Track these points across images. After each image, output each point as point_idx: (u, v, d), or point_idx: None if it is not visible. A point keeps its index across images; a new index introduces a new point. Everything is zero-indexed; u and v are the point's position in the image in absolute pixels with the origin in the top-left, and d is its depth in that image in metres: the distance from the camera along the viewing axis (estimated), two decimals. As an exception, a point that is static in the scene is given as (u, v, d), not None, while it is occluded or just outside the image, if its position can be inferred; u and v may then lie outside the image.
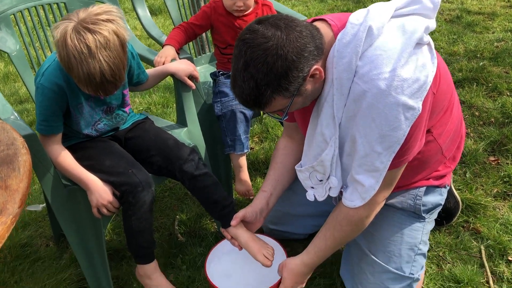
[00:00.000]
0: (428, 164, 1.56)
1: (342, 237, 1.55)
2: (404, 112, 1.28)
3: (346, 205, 1.47)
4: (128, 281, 1.91)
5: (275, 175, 1.78)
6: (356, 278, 1.68)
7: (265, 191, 1.76)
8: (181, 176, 1.69)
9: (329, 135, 1.43)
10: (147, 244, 1.65)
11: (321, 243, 1.57)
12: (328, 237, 1.55)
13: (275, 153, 1.82)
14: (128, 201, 1.57)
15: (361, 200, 1.43)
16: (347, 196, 1.47)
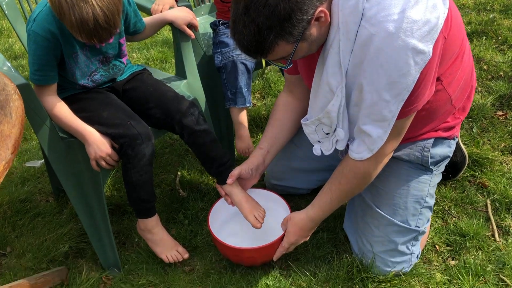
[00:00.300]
0: (436, 114, 1.51)
1: (348, 191, 1.51)
2: (413, 56, 1.22)
3: (353, 157, 1.42)
4: (129, 236, 1.89)
5: (273, 132, 1.74)
6: (360, 232, 1.66)
7: (262, 148, 1.73)
8: (181, 130, 1.64)
9: (335, 84, 1.37)
10: (148, 198, 1.62)
11: (326, 197, 1.54)
12: (334, 190, 1.52)
13: (274, 109, 1.77)
14: (127, 154, 1.53)
15: (368, 151, 1.39)
16: (354, 149, 1.42)
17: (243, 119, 1.96)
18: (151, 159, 1.56)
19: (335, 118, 1.40)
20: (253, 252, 1.62)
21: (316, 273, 1.68)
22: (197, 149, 1.68)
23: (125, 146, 1.51)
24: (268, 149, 1.73)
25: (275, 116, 1.75)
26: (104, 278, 1.74)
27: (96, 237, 1.70)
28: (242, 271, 1.71)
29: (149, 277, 1.73)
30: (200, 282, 1.69)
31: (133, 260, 1.79)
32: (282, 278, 1.68)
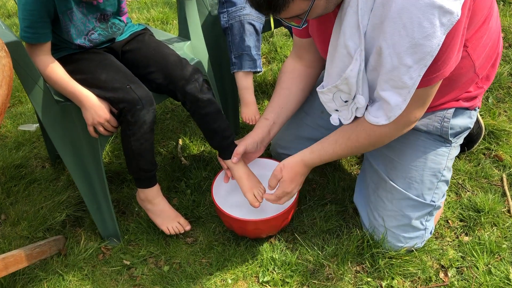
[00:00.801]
0: (458, 83, 1.40)
1: (354, 148, 1.43)
2: (440, 16, 1.10)
3: (370, 121, 1.33)
4: (129, 205, 1.81)
5: (280, 102, 1.64)
6: (372, 206, 1.58)
7: (268, 119, 1.63)
8: (183, 97, 1.53)
9: (353, 47, 1.26)
10: (148, 167, 1.53)
11: (329, 148, 1.46)
12: (340, 144, 1.43)
13: (281, 77, 1.66)
14: (127, 120, 1.43)
15: (386, 118, 1.29)
16: (372, 111, 1.32)
17: (249, 84, 1.85)
18: (152, 126, 1.47)
19: (354, 85, 1.30)
20: (259, 224, 1.55)
21: (324, 247, 1.61)
22: (200, 119, 1.58)
23: (125, 111, 1.41)
24: (274, 119, 1.63)
25: (281, 84, 1.65)
26: (103, 248, 1.67)
27: (95, 206, 1.62)
28: (247, 244, 1.65)
29: (149, 248, 1.66)
30: (202, 254, 1.63)
31: (133, 230, 1.71)
32: (288, 251, 1.61)
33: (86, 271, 1.59)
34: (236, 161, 1.60)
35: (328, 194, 1.83)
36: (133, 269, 1.61)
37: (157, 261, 1.63)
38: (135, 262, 1.62)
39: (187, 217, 1.75)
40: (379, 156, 1.58)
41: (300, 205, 1.78)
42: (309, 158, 1.48)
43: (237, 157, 1.59)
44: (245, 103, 1.87)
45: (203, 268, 1.59)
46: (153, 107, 1.45)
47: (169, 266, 1.60)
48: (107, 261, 1.63)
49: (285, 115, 1.65)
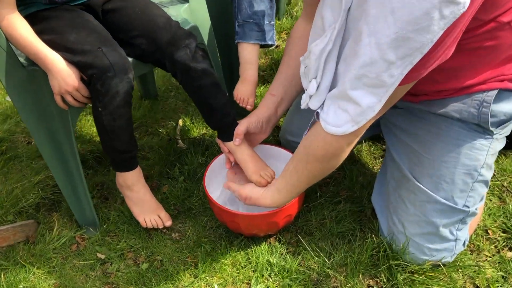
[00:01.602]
0: (501, 55, 1.10)
1: (316, 173, 1.21)
2: (441, 6, 0.82)
3: (328, 131, 1.07)
4: (114, 190, 1.59)
5: (288, 74, 1.38)
6: (391, 208, 1.30)
7: (274, 95, 1.37)
8: (172, 66, 1.29)
9: (329, 20, 1.00)
10: (124, 148, 1.30)
11: (293, 179, 1.24)
12: (301, 171, 1.21)
13: (289, 43, 1.39)
14: (96, 90, 1.20)
15: (352, 124, 1.03)
16: (330, 119, 1.06)
17: (252, 58, 1.57)
18: (127, 98, 1.23)
19: (314, 64, 1.05)
20: (254, 219, 1.30)
21: (332, 254, 1.35)
22: (193, 93, 1.34)
23: (94, 79, 1.19)
24: (281, 95, 1.38)
25: (290, 52, 1.38)
26: (78, 238, 1.46)
27: (69, 188, 1.42)
28: (241, 243, 1.40)
29: (130, 240, 1.44)
30: (188, 252, 1.39)
31: (114, 219, 1.50)
32: (289, 256, 1.36)
33: (54, 263, 1.39)
34: (238, 142, 1.36)
35: (343, 190, 1.55)
36: (108, 264, 1.40)
37: (136, 257, 1.41)
38: (112, 256, 1.40)
39: (176, 207, 1.52)
40: (402, 148, 1.29)
41: (308, 201, 1.52)
42: (278, 198, 1.28)
43: (239, 138, 1.36)
44: (243, 79, 1.60)
45: (187, 268, 1.35)
46: (128, 76, 1.22)
47: (148, 263, 1.38)
48: (80, 253, 1.43)
49: (295, 89, 1.39)
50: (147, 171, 1.64)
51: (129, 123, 1.28)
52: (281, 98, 1.38)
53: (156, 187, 1.60)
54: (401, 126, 1.31)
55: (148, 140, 1.78)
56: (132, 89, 1.24)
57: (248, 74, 1.59)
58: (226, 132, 1.37)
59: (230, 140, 1.37)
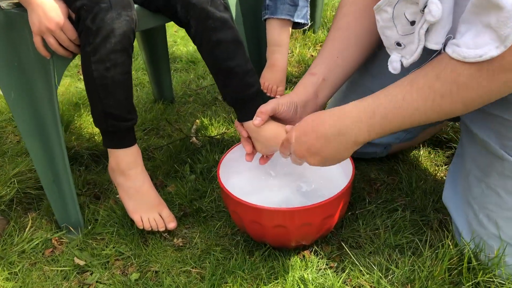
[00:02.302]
0: None
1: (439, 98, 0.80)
2: None
3: (465, 55, 0.74)
4: (108, 190, 1.28)
5: (334, 49, 1.07)
6: (475, 204, 0.94)
7: (314, 74, 1.07)
8: (185, 12, 1.02)
9: None
10: (120, 112, 1.00)
11: (397, 93, 0.83)
12: (418, 86, 0.81)
13: (338, 13, 1.11)
14: (86, 28, 0.93)
15: (496, 42, 0.70)
16: (467, 41, 0.74)
17: (283, 39, 1.31)
18: (124, 43, 0.95)
19: None
20: (281, 215, 0.96)
21: (390, 269, 0.97)
22: (210, 51, 1.04)
23: (83, 13, 0.92)
24: (324, 75, 1.07)
25: (338, 23, 1.09)
26: (54, 241, 1.13)
27: (49, 176, 1.11)
28: (265, 253, 1.04)
29: (119, 246, 1.10)
30: (194, 263, 1.04)
31: (102, 220, 1.17)
32: (330, 272, 0.99)
33: (18, 268, 1.06)
34: (259, 122, 1.03)
35: (400, 197, 1.20)
36: (87, 274, 1.05)
37: (125, 266, 1.06)
38: (93, 264, 1.06)
39: (184, 208, 1.19)
40: (487, 121, 0.95)
41: (353, 208, 1.17)
42: (352, 107, 0.87)
43: (262, 118, 1.03)
44: (270, 64, 1.33)
45: (191, 281, 0.99)
46: (128, 14, 0.95)
47: (140, 273, 1.03)
48: (55, 258, 1.09)
49: (342, 69, 1.07)
50: (151, 172, 1.33)
51: (126, 78, 0.99)
52: (323, 79, 1.07)
53: (161, 186, 1.28)
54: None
55: (157, 141, 1.49)
56: (132, 33, 0.97)
57: (275, 58, 1.33)
58: (244, 108, 1.06)
59: (248, 119, 1.06)
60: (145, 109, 1.67)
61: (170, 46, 2.21)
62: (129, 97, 1.01)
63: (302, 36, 2.10)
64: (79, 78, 1.98)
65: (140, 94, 1.80)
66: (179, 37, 2.32)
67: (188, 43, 2.27)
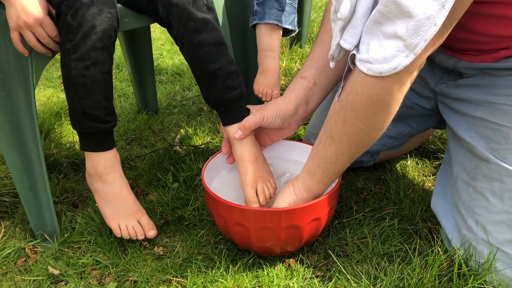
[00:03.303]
0: None
1: (362, 135, 0.86)
2: None
3: (372, 71, 0.76)
4: (87, 199, 1.23)
5: (324, 50, 1.06)
6: (464, 208, 0.92)
7: (305, 78, 1.06)
8: (167, 13, 0.99)
9: None
10: (98, 113, 0.97)
11: (328, 151, 0.91)
12: (338, 137, 0.88)
13: (326, 17, 1.10)
14: (67, 24, 0.90)
15: (405, 52, 0.72)
16: (373, 53, 0.75)
17: (273, 44, 1.30)
18: (105, 41, 0.92)
19: None
20: (268, 217, 0.92)
21: (379, 278, 0.94)
22: (191, 53, 1.01)
23: (64, 8, 0.90)
24: (314, 78, 1.06)
25: (327, 26, 1.08)
26: (28, 250, 1.08)
27: (25, 182, 1.06)
28: (249, 262, 1.00)
29: (96, 255, 1.05)
30: (174, 271, 0.99)
31: (80, 228, 1.12)
32: (316, 281, 0.95)
33: (-13, 278, 1.00)
34: (239, 135, 1.01)
35: (388, 206, 1.17)
36: (61, 284, 0.99)
37: (102, 275, 1.01)
38: (69, 274, 1.01)
39: (165, 216, 1.15)
40: (474, 125, 0.94)
41: (340, 217, 1.14)
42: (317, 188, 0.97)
43: (242, 132, 1.01)
44: (262, 69, 1.31)
45: (170, 291, 0.95)
46: (110, 10, 0.92)
47: (117, 283, 0.98)
48: (28, 268, 1.03)
49: (332, 72, 1.05)
50: (132, 181, 1.29)
51: (107, 78, 0.96)
52: (314, 83, 1.05)
53: (142, 195, 1.23)
54: (470, 99, 0.97)
55: (139, 150, 1.45)
56: (114, 31, 0.95)
57: (268, 63, 1.31)
58: (227, 112, 1.03)
59: (231, 123, 1.03)
60: (128, 119, 1.63)
61: (156, 58, 2.19)
62: (108, 98, 0.98)
63: (288, 50, 2.09)
64: (61, 89, 1.94)
65: (124, 104, 1.76)
66: (165, 50, 2.31)
67: (174, 56, 2.26)
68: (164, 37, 2.51)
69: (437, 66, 1.04)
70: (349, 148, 0.86)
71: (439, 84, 1.04)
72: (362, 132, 0.83)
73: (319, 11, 2.57)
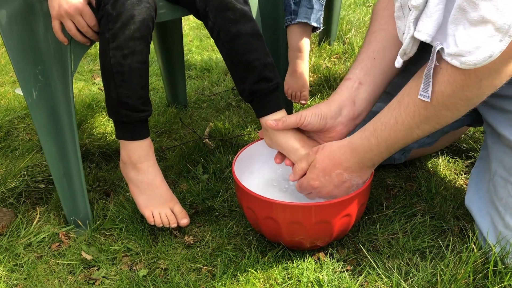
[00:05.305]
0: None
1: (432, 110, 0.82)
2: None
3: (465, 64, 0.72)
4: (118, 187, 1.25)
5: (370, 50, 1.02)
6: (501, 205, 0.90)
7: (350, 79, 1.01)
8: (204, 4, 1.00)
9: None
10: (134, 102, 0.98)
11: (388, 116, 0.88)
12: (406, 104, 0.85)
13: (373, 17, 1.07)
14: (107, 14, 0.92)
15: (499, 36, 0.68)
16: (463, 45, 0.71)
17: (303, 45, 1.32)
18: (143, 31, 0.94)
19: None
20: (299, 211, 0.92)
21: (410, 273, 0.93)
22: (227, 43, 1.01)
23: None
24: (360, 78, 1.00)
25: (373, 27, 1.04)
26: (62, 235, 1.10)
27: (60, 168, 1.09)
28: (279, 253, 1.01)
29: (128, 242, 1.07)
30: (205, 260, 1.00)
31: (111, 216, 1.14)
32: (345, 275, 0.95)
33: (23, 260, 1.02)
34: (270, 125, 1.00)
35: (419, 203, 1.16)
36: (94, 269, 1.01)
37: (133, 262, 1.02)
38: (101, 260, 1.03)
39: (195, 206, 1.16)
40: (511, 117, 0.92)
41: (370, 212, 1.13)
42: (358, 137, 0.93)
43: (276, 123, 0.99)
44: (293, 70, 1.33)
45: (201, 279, 0.96)
46: (149, 0, 0.94)
47: (148, 270, 0.99)
48: (62, 252, 1.06)
49: (380, 70, 1.00)
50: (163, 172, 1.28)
51: (143, 67, 0.97)
52: (360, 83, 1.00)
53: (172, 185, 1.25)
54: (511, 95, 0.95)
55: (169, 143, 1.47)
56: (152, 22, 0.96)
57: (296, 64, 1.33)
58: (262, 103, 1.03)
59: (266, 114, 1.03)
60: (158, 113, 1.65)
61: (185, 54, 2.21)
62: (145, 87, 1.00)
63: (317, 47, 2.09)
64: (93, 82, 1.98)
65: (154, 98, 1.78)
66: (194, 46, 2.33)
67: (203, 52, 2.28)
68: (193, 34, 2.54)
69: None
70: (410, 119, 0.84)
71: None
72: (432, 108, 0.80)
73: (348, 9, 2.56)
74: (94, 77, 2.04)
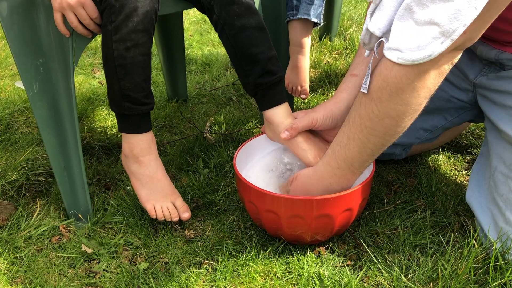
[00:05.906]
0: None
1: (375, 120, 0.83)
2: None
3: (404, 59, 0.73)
4: (119, 181, 1.25)
5: None
6: (502, 201, 0.90)
7: (356, 75, 1.02)
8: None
9: None
10: (137, 94, 0.98)
11: (342, 135, 0.90)
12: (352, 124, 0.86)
13: None
14: (110, 6, 0.92)
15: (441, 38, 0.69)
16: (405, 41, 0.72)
17: (304, 40, 1.32)
18: (146, 24, 0.94)
19: None
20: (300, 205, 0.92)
21: (411, 268, 0.93)
22: (232, 36, 1.01)
23: (108, -11, 0.91)
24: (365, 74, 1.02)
25: None
26: (62, 229, 1.10)
27: (60, 161, 1.09)
28: (279, 248, 1.01)
29: (128, 235, 1.07)
30: (205, 254, 1.00)
31: (112, 209, 1.14)
32: (346, 269, 0.95)
33: (23, 253, 1.02)
34: (286, 137, 1.01)
35: (419, 199, 1.16)
36: (94, 262, 1.01)
37: (134, 256, 1.02)
38: (101, 253, 1.03)
39: (196, 200, 1.16)
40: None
41: (371, 208, 1.13)
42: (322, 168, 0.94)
43: (290, 133, 1.00)
44: (293, 65, 1.34)
45: (201, 273, 0.96)
46: (153, -6, 0.94)
47: (148, 263, 0.99)
48: (62, 245, 1.06)
49: None
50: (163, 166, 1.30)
51: (146, 60, 0.97)
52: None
53: (173, 179, 1.25)
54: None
55: (170, 137, 1.47)
56: (155, 14, 0.96)
57: (297, 59, 1.34)
58: (265, 96, 1.03)
59: (269, 107, 1.03)
60: (159, 107, 1.65)
61: (186, 48, 2.20)
62: (147, 80, 0.99)
63: (318, 43, 2.08)
64: (93, 76, 1.97)
65: (154, 92, 1.78)
66: (194, 41, 2.32)
67: (203, 46, 2.27)
68: (193, 28, 2.53)
69: (477, 58, 1.02)
70: (359, 133, 0.84)
71: (479, 76, 1.03)
72: (375, 117, 0.81)
73: (349, 5, 2.55)
74: (94, 71, 2.03)
